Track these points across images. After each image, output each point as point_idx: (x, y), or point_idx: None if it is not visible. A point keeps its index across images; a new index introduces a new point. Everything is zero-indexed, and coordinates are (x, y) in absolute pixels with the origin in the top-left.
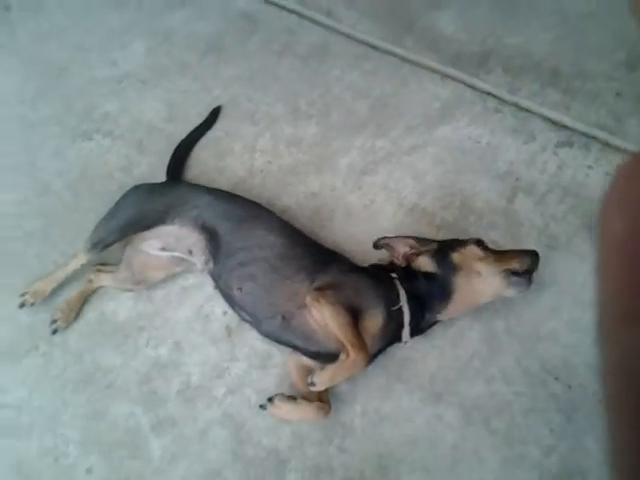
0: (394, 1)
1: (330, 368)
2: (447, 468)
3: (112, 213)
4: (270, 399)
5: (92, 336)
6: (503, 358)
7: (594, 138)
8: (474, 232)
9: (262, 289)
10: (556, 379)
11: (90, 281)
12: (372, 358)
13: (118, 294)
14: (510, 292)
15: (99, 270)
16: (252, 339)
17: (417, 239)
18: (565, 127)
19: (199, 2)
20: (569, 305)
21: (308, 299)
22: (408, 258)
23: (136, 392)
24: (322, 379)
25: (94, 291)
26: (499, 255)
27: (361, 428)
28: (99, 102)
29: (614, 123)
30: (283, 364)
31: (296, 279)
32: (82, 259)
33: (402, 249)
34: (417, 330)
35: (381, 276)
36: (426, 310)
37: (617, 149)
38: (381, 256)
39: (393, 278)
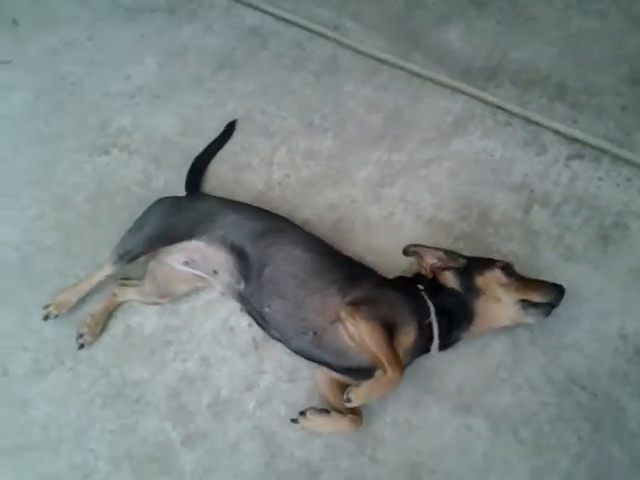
0: (400, 16)
1: (366, 385)
2: (478, 477)
3: (138, 225)
4: (302, 412)
5: (118, 351)
6: (528, 368)
7: (603, 151)
8: (492, 243)
9: (292, 305)
10: (582, 388)
11: (115, 295)
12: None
13: (143, 308)
14: (527, 319)
15: (123, 284)
16: (279, 352)
17: (446, 252)
18: (575, 140)
19: (207, 18)
20: (589, 314)
21: (343, 314)
22: (435, 270)
23: (165, 406)
24: (358, 396)
25: (119, 305)
26: (523, 283)
27: (392, 439)
28: (113, 117)
29: (622, 136)
30: (311, 377)
31: (326, 293)
32: (108, 271)
33: (430, 260)
34: (444, 344)
35: (410, 289)
36: (453, 326)
37: (627, 161)
38: (404, 267)
39: (420, 290)
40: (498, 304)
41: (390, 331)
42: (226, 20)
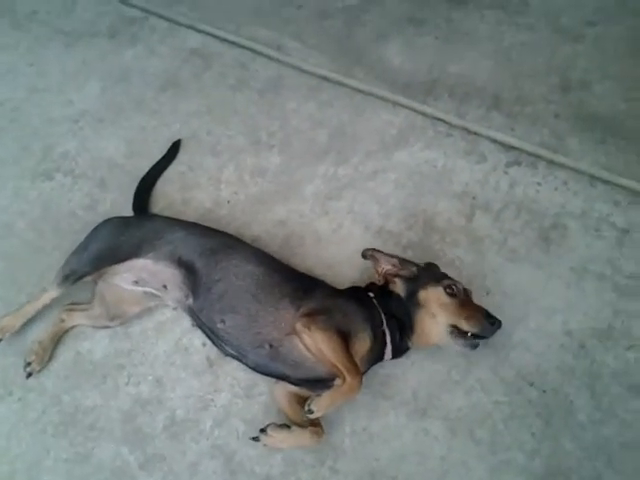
0: (340, 35)
1: (327, 394)
2: None
3: (84, 246)
4: (263, 430)
5: (69, 377)
6: (479, 369)
7: (539, 156)
8: (439, 250)
9: (246, 319)
10: (531, 385)
11: (62, 320)
12: None
13: (92, 333)
14: (456, 348)
15: (71, 309)
16: (234, 369)
17: (401, 260)
18: (512, 147)
19: (149, 41)
20: (534, 313)
21: (298, 326)
22: (387, 277)
23: (120, 431)
24: (320, 406)
25: (67, 331)
26: (460, 308)
27: (351, 448)
28: (57, 142)
29: (556, 142)
30: (269, 392)
31: (279, 306)
32: (53, 293)
33: (385, 265)
34: (397, 352)
35: (361, 297)
36: (402, 333)
37: (562, 166)
38: (355, 278)
39: (372, 298)
40: (433, 321)
41: (345, 339)
42: (168, 42)
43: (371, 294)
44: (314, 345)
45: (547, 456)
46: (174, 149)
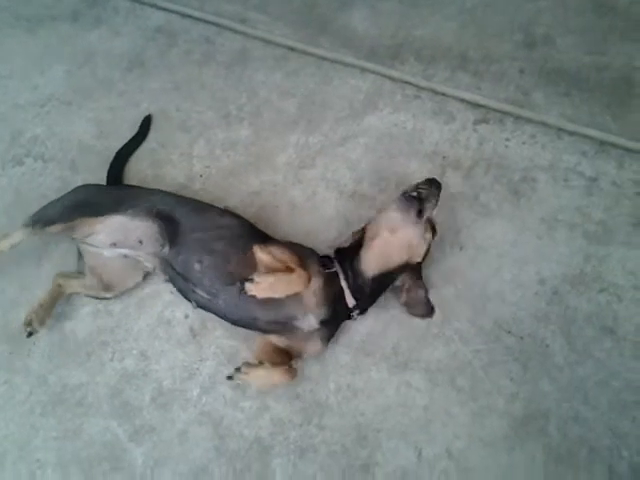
0: (305, 4)
1: (273, 274)
2: (422, 429)
3: (60, 197)
4: (237, 368)
5: (53, 357)
6: (457, 321)
7: (507, 113)
8: None
9: (221, 260)
10: (508, 332)
11: (59, 285)
12: (329, 329)
13: (75, 313)
14: (400, 215)
15: (67, 276)
16: (218, 338)
17: None
18: (480, 105)
19: (112, 21)
20: (508, 265)
21: (255, 246)
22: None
23: (108, 406)
24: (263, 279)
25: (64, 296)
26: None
27: (337, 404)
28: (25, 127)
29: (522, 97)
30: (251, 356)
31: (249, 250)
32: (18, 235)
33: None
34: (360, 298)
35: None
36: (353, 260)
37: (529, 120)
38: (330, 243)
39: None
40: (378, 219)
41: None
42: (132, 22)
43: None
44: (267, 256)
45: (526, 399)
46: (146, 124)
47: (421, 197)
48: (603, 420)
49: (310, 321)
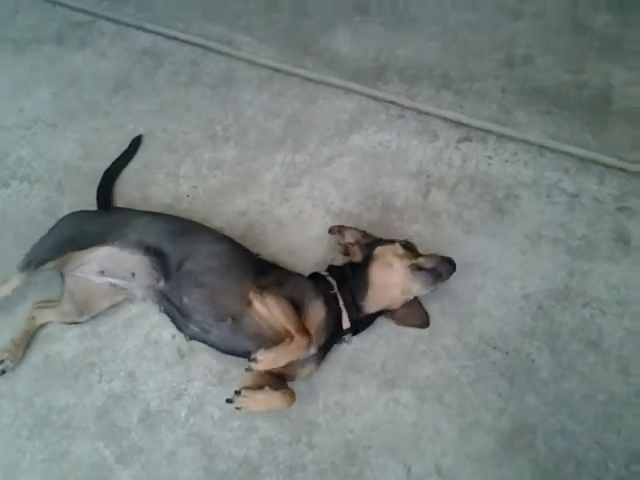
0: (289, 26)
1: (275, 348)
2: (410, 446)
3: (47, 234)
4: (237, 392)
5: (40, 380)
6: (444, 337)
7: (489, 131)
8: (398, 228)
9: (211, 294)
10: (494, 348)
11: (33, 318)
12: (323, 353)
13: (61, 334)
14: (416, 287)
15: (41, 307)
16: (205, 358)
17: (365, 234)
18: (462, 124)
19: (98, 44)
20: (493, 281)
21: (252, 293)
22: (347, 247)
23: (95, 427)
24: (265, 356)
25: (39, 328)
26: (414, 254)
27: (326, 422)
28: (11, 149)
29: (504, 116)
30: (240, 376)
31: (241, 282)
32: (16, 280)
33: (348, 239)
34: (356, 323)
35: (315, 276)
36: (354, 296)
37: (511, 138)
38: (318, 261)
39: (325, 275)
40: (390, 269)
41: (297, 309)
42: (118, 44)
43: (324, 273)
44: (265, 310)
45: (513, 414)
46: (135, 144)
47: (441, 275)
48: (589, 434)
49: (309, 350)
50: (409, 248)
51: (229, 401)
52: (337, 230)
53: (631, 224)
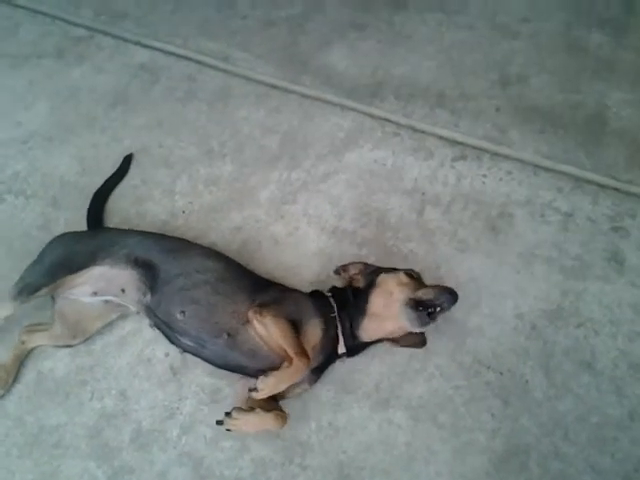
0: (286, 43)
1: (274, 374)
2: (404, 467)
3: (38, 259)
4: (227, 413)
5: (31, 398)
6: (438, 357)
7: (484, 150)
8: (392, 245)
9: (206, 310)
10: (488, 368)
11: (23, 342)
12: (317, 374)
13: (53, 352)
14: (411, 325)
15: (31, 330)
16: (198, 376)
17: (366, 264)
18: (457, 142)
19: (96, 58)
20: (487, 300)
21: (250, 313)
22: (352, 278)
23: (87, 447)
24: (266, 384)
25: (29, 352)
26: (417, 284)
27: (318, 443)
28: (6, 163)
29: (499, 134)
30: (234, 395)
31: (238, 299)
32: (8, 308)
33: (353, 271)
34: (351, 346)
35: (316, 294)
36: (352, 323)
37: (506, 157)
38: (312, 279)
39: (327, 296)
40: (388, 299)
41: (296, 327)
42: (116, 59)
43: (329, 293)
44: (264, 330)
45: (507, 435)
46: (126, 163)
47: (442, 309)
48: (583, 456)
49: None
50: (413, 277)
51: (219, 423)
52: (342, 269)
53: (625, 244)
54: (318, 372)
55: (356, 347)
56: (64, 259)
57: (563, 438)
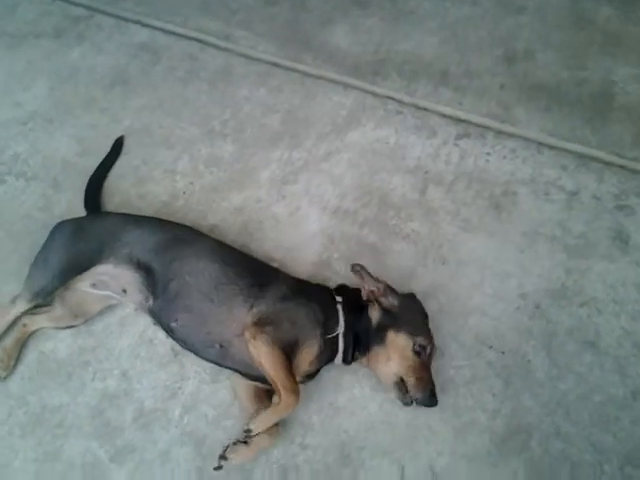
0: (287, 21)
1: (264, 413)
2: (405, 446)
3: (44, 257)
4: (222, 456)
5: (34, 378)
6: (440, 336)
7: (488, 127)
8: (395, 225)
9: (198, 319)
10: (490, 348)
11: (24, 325)
12: (311, 377)
13: (55, 333)
14: (394, 395)
15: (33, 313)
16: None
17: (386, 286)
18: (461, 120)
19: (96, 38)
20: (490, 279)
21: (247, 335)
22: (370, 298)
23: (89, 426)
24: (258, 425)
25: (30, 334)
26: (418, 368)
27: (319, 423)
28: (6, 145)
29: (503, 112)
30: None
31: (232, 305)
32: (22, 307)
33: (368, 287)
34: (348, 361)
35: (325, 300)
36: (356, 347)
37: (510, 135)
38: (314, 260)
39: (337, 303)
40: (386, 363)
41: (292, 349)
42: (115, 39)
43: (339, 299)
44: (257, 357)
45: (508, 415)
46: (117, 146)
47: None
48: (585, 435)
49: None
50: (419, 353)
51: (218, 468)
52: (358, 271)
53: (630, 222)
54: (312, 376)
55: (353, 359)
56: (71, 259)
57: (565, 417)
